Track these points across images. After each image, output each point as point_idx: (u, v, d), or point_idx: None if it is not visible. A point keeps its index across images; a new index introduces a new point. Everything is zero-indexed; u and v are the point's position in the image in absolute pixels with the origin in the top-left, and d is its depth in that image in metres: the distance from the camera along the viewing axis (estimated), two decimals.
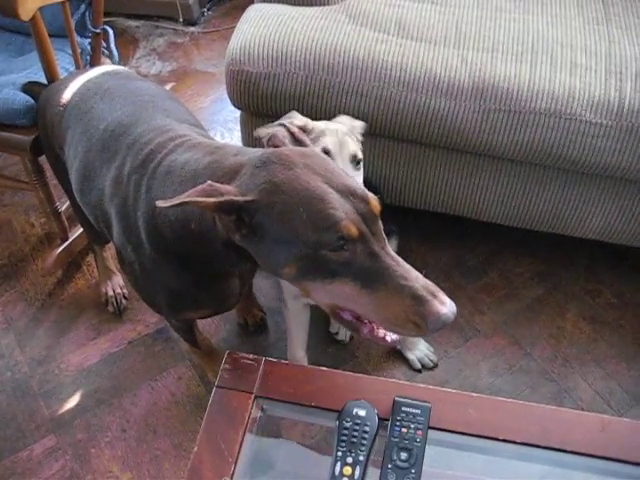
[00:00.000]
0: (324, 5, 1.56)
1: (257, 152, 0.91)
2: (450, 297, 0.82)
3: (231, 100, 1.55)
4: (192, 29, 2.45)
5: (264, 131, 1.15)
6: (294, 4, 1.55)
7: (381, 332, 0.89)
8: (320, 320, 1.58)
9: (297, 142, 1.00)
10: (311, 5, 1.55)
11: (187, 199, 0.82)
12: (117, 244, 1.12)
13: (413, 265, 0.84)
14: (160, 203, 0.83)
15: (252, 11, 1.56)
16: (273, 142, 0.97)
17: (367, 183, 1.12)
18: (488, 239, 1.79)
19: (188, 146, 1.02)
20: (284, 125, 1.11)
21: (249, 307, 1.64)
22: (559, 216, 1.57)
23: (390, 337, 0.89)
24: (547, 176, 1.51)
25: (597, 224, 1.57)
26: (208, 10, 2.51)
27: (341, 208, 0.81)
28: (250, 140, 1.65)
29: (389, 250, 0.83)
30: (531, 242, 1.77)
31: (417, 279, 0.81)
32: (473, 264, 1.76)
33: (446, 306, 0.80)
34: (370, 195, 0.85)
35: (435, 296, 0.80)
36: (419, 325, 0.80)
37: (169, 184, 0.97)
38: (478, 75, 1.40)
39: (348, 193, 0.83)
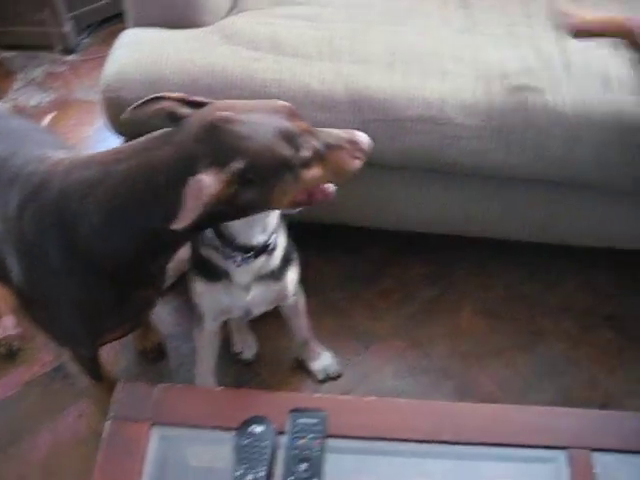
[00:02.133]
0: (198, 27, 1.55)
1: (183, 131, 0.95)
2: (348, 306, 1.32)
3: (110, 127, 1.53)
4: (70, 57, 2.39)
5: (147, 109, 1.02)
6: (167, 27, 1.54)
7: (329, 188, 1.09)
8: (222, 344, 1.57)
9: (191, 105, 1.01)
10: (184, 28, 1.54)
11: (200, 203, 0.86)
12: (18, 284, 1.08)
13: (310, 277, 0.89)
14: (179, 224, 0.86)
15: (126, 36, 1.55)
16: (171, 112, 0.98)
17: None
18: (381, 245, 1.83)
19: (85, 163, 1.02)
20: (161, 97, 1.01)
21: (147, 333, 1.61)
22: (445, 218, 1.63)
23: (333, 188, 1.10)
24: (428, 180, 1.56)
25: (481, 222, 1.63)
26: (86, 37, 2.46)
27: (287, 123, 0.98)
28: None
29: (316, 131, 1.03)
30: (422, 244, 1.81)
31: (339, 133, 1.04)
32: (368, 271, 1.79)
33: (362, 134, 1.05)
34: (285, 104, 1.02)
35: (354, 133, 1.05)
36: (357, 154, 1.04)
37: (100, 201, 0.98)
38: (353, 87, 1.43)
39: (274, 111, 0.99)
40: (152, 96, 1.00)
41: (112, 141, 2.07)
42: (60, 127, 2.15)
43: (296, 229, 1.48)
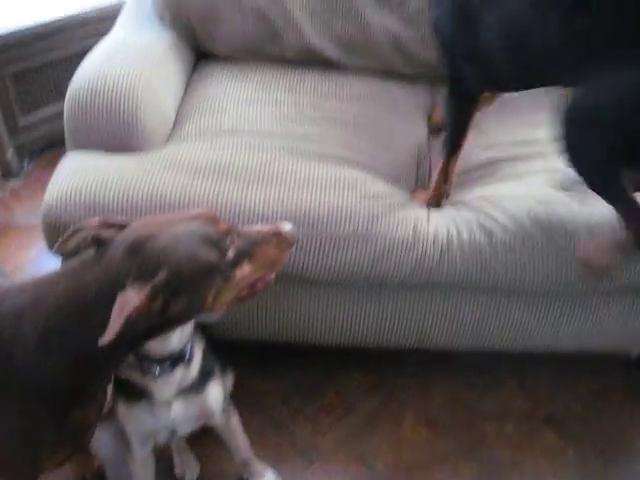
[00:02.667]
0: (140, 152, 1.61)
1: (109, 252, 1.00)
2: (290, 422, 1.47)
3: (51, 251, 1.55)
4: (12, 183, 2.42)
5: (73, 241, 1.07)
6: (109, 152, 1.59)
7: (269, 278, 1.15)
8: (163, 466, 1.54)
9: (111, 227, 1.06)
10: (126, 153, 1.60)
11: (124, 318, 0.89)
12: None
13: (250, 394, 0.92)
14: (104, 339, 0.88)
15: (67, 161, 1.59)
16: (96, 237, 1.03)
17: None
18: (322, 360, 1.84)
19: (18, 289, 1.05)
20: (83, 227, 1.07)
21: (86, 459, 1.56)
22: (380, 330, 1.67)
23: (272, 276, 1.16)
24: (362, 295, 1.61)
25: (415, 332, 1.68)
26: (28, 163, 2.50)
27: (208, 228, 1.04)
28: None
29: (240, 230, 1.10)
30: (362, 355, 1.84)
31: (263, 229, 1.12)
32: (310, 386, 1.80)
33: (287, 224, 1.14)
34: (204, 210, 1.08)
35: (278, 226, 1.12)
36: (284, 245, 1.11)
37: (34, 326, 0.99)
38: (289, 207, 1.50)
39: (194, 219, 1.05)
40: (73, 229, 1.06)
41: (53, 265, 2.09)
42: (1, 252, 2.15)
43: (234, 346, 1.52)
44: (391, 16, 1.92)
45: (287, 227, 1.13)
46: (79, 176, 1.52)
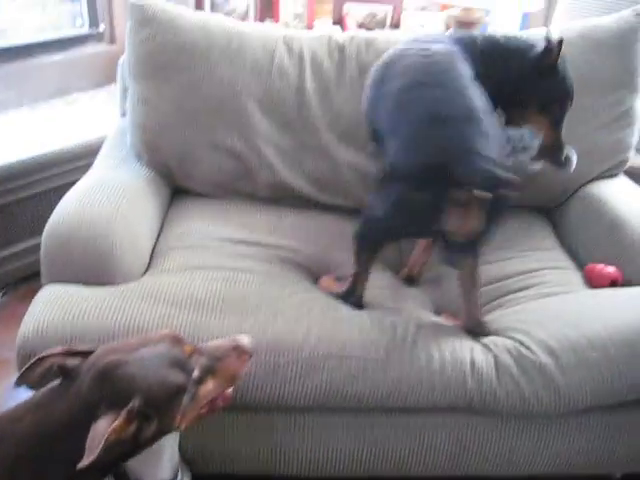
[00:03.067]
0: (118, 284, 1.64)
1: (76, 381, 1.02)
2: None
3: (23, 384, 1.53)
4: None
5: (36, 371, 1.08)
6: (86, 284, 1.62)
7: (229, 391, 1.20)
8: None
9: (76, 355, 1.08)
10: (104, 285, 1.63)
11: (101, 445, 0.90)
12: None
13: None
14: (82, 464, 0.89)
15: (44, 293, 1.61)
16: (61, 366, 1.05)
17: None
18: None
19: None
20: (46, 356, 1.08)
21: None
22: (358, 461, 1.66)
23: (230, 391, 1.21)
24: (341, 421, 1.62)
25: (392, 460, 1.67)
26: (2, 296, 2.51)
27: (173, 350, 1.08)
28: None
29: (202, 348, 1.15)
30: None
31: (223, 344, 1.18)
32: None
33: (244, 336, 1.20)
34: (168, 332, 1.13)
35: (236, 339, 1.18)
36: (244, 358, 1.17)
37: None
38: (265, 334, 1.54)
39: (159, 342, 1.09)
40: (36, 358, 1.07)
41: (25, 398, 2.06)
42: None
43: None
44: (357, 154, 2.04)
45: (245, 339, 1.18)
46: (56, 308, 1.53)
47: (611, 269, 1.83)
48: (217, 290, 1.64)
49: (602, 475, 1.85)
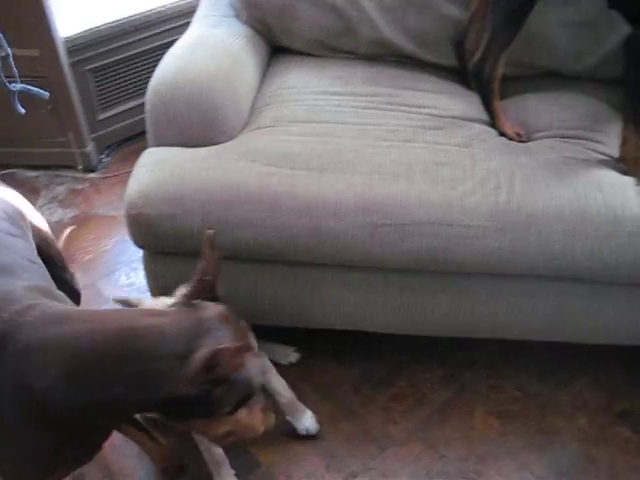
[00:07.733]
0: (215, 144, 1.65)
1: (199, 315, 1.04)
2: (363, 410, 1.69)
3: (133, 241, 1.61)
4: (92, 175, 2.52)
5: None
6: (186, 146, 1.64)
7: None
8: None
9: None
10: (203, 146, 1.64)
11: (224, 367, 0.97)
12: None
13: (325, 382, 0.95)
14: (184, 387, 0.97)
15: (147, 156, 1.65)
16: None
17: None
18: (393, 350, 1.87)
19: (58, 318, 1.03)
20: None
21: (169, 452, 1.58)
22: (452, 321, 1.67)
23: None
24: (436, 284, 1.62)
25: (488, 323, 1.68)
26: (106, 156, 2.60)
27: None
28: (153, 278, 1.69)
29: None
30: (434, 347, 1.85)
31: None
32: (381, 375, 1.82)
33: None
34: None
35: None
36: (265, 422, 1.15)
37: (69, 364, 0.98)
38: (362, 195, 1.52)
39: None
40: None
41: (132, 253, 2.18)
42: (80, 240, 2.24)
43: (305, 334, 1.52)
44: (462, 10, 1.90)
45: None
46: (158, 170, 1.57)
47: None
48: (313, 147, 1.62)
49: None
